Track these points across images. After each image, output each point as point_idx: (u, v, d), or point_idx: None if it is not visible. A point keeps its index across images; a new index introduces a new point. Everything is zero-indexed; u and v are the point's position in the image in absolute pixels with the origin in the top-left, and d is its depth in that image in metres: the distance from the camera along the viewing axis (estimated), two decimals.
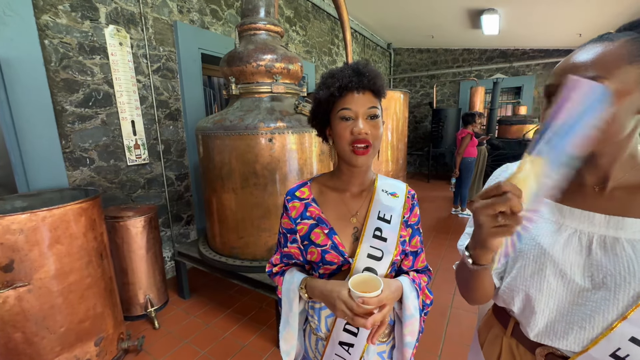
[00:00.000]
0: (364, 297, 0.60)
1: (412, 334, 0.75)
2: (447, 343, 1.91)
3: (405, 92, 3.73)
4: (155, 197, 2.57)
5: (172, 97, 2.63)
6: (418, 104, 7.89)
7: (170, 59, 2.58)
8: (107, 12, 2.13)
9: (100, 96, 2.15)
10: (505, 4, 4.48)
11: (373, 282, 0.64)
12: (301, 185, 0.81)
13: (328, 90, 0.68)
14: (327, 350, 0.77)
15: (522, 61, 6.58)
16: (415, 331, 0.75)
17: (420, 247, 0.82)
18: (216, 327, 2.10)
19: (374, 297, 0.61)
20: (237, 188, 1.89)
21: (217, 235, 2.09)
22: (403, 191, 0.80)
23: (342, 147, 0.69)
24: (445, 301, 2.35)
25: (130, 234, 2.03)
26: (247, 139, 1.81)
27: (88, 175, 2.12)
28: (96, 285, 1.57)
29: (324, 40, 4.85)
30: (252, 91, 1.96)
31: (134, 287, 2.10)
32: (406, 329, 0.74)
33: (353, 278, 0.66)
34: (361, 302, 0.61)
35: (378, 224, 0.75)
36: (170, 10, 2.53)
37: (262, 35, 1.98)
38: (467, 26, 5.56)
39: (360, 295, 0.61)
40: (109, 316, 1.65)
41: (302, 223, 0.77)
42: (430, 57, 7.50)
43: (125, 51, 2.24)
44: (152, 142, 2.51)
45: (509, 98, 7.29)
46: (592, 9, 4.37)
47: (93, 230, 1.55)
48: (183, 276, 2.40)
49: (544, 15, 4.79)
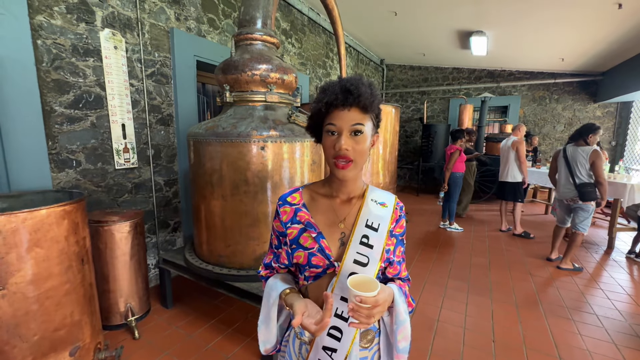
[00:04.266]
0: (361, 295, 0.61)
1: (406, 338, 0.77)
2: (434, 356, 1.90)
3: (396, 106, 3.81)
4: (142, 203, 2.52)
5: (165, 103, 2.62)
6: (409, 119, 8.06)
7: (165, 65, 2.59)
8: (103, 15, 2.13)
9: (92, 98, 2.12)
10: (493, 27, 4.69)
11: (370, 283, 0.66)
12: (293, 191, 0.84)
13: (318, 104, 0.71)
14: (310, 355, 0.77)
15: (509, 82, 6.84)
16: (408, 336, 0.77)
17: (402, 257, 0.85)
18: (199, 338, 2.03)
19: (371, 297, 0.62)
20: (227, 195, 1.88)
21: (205, 242, 2.06)
22: (392, 202, 0.82)
23: (327, 159, 0.73)
24: (432, 314, 2.35)
25: (114, 239, 1.98)
26: (239, 146, 1.81)
27: (73, 178, 2.07)
28: (75, 291, 1.51)
29: (318, 53, 4.95)
30: (246, 99, 1.97)
31: (115, 295, 2.03)
32: (400, 335, 0.75)
33: (351, 278, 0.67)
34: (359, 301, 0.62)
35: (365, 231, 0.76)
36: (167, 17, 2.56)
37: (258, 46, 2.01)
38: (456, 46, 5.77)
39: (357, 293, 0.61)
40: (86, 325, 1.58)
41: (292, 227, 0.79)
42: (421, 74, 7.73)
43: (120, 55, 2.24)
44: (142, 147, 2.48)
45: (496, 116, 7.53)
46: (573, 36, 4.61)
47: (75, 234, 1.50)
48: (167, 284, 2.33)
49: (530, 40, 5.03)
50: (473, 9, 4.15)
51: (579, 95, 6.41)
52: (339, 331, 0.75)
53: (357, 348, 0.76)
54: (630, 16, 3.73)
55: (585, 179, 3.02)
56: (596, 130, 3.03)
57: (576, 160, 3.07)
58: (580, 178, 3.05)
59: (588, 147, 3.04)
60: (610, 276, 3.09)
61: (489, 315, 2.36)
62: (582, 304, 2.56)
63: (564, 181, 3.19)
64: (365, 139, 0.71)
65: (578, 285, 2.87)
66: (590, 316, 2.38)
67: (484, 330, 2.17)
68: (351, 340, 0.74)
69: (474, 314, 2.37)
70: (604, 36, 4.45)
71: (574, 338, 2.11)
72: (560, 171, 3.27)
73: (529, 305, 2.51)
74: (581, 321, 2.31)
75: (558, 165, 3.31)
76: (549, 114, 6.69)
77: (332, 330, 0.75)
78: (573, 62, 5.77)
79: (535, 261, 3.42)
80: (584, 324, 2.28)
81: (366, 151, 0.72)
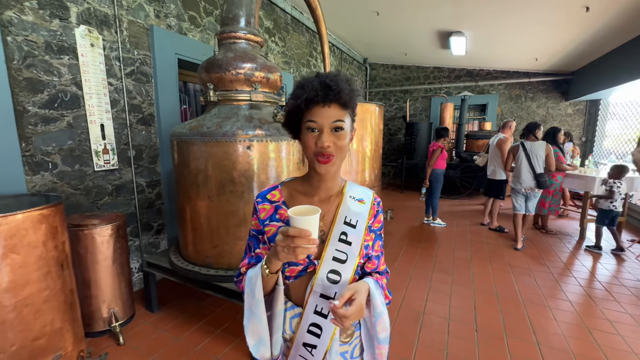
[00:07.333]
0: (301, 219, 0.61)
1: (385, 329, 0.78)
2: (420, 348, 1.96)
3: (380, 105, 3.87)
4: (123, 205, 2.45)
5: (146, 102, 2.56)
6: (392, 117, 8.19)
7: (145, 63, 2.52)
8: (78, 12, 2.05)
9: (67, 98, 2.04)
10: (471, 28, 4.84)
11: (312, 211, 0.65)
12: (272, 189, 0.82)
13: (296, 101, 0.70)
14: (291, 352, 0.78)
15: (487, 81, 7.08)
16: (387, 326, 0.78)
17: (381, 251, 0.86)
18: (186, 341, 2.01)
19: (309, 219, 0.61)
20: (212, 195, 1.86)
21: (190, 244, 2.03)
22: (370, 198, 0.83)
23: (308, 155, 0.72)
24: (418, 308, 2.41)
25: (95, 244, 1.92)
26: (224, 145, 1.79)
27: (50, 181, 1.99)
28: (55, 298, 1.46)
29: (302, 52, 4.95)
30: (230, 98, 1.96)
31: (97, 301, 1.97)
32: (379, 326, 0.76)
33: (293, 208, 0.67)
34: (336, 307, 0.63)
35: (344, 229, 0.77)
36: (146, 14, 2.49)
37: (242, 44, 1.99)
38: (437, 46, 5.91)
39: (295, 217, 0.61)
40: (68, 332, 1.53)
41: (271, 225, 0.78)
42: (403, 73, 7.86)
43: (97, 53, 2.16)
44: (123, 147, 2.40)
45: (476, 114, 7.77)
46: (546, 37, 4.83)
47: (54, 238, 1.45)
48: (152, 288, 2.28)
49: (505, 40, 5.23)
50: (452, 10, 4.27)
51: (551, 94, 6.72)
52: (319, 328, 0.75)
53: (337, 343, 0.77)
54: (597, 19, 3.95)
55: (541, 170, 3.52)
56: (539, 126, 3.62)
57: (536, 153, 3.53)
58: (538, 169, 3.52)
59: (542, 141, 3.61)
60: (582, 264, 3.28)
61: (471, 306, 2.45)
62: (557, 291, 2.70)
63: (525, 172, 3.58)
64: (346, 134, 0.72)
65: (553, 274, 3.02)
66: (564, 302, 2.52)
67: (467, 321, 2.26)
68: (331, 336, 0.75)
69: (458, 305, 2.45)
70: (573, 37, 4.68)
71: (550, 323, 2.23)
72: (521, 164, 3.61)
73: (509, 295, 2.62)
74: (556, 307, 2.44)
75: (518, 159, 3.64)
76: (524, 112, 6.97)
77: (312, 327, 0.75)
78: (546, 62, 6.03)
79: (513, 253, 3.57)
80: (559, 309, 2.41)
81: (347, 146, 0.72)
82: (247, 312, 0.76)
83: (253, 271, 0.76)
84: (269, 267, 0.71)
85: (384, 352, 0.78)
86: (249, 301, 0.75)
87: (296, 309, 0.79)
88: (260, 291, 0.73)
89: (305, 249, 0.62)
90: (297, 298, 0.79)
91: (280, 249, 0.63)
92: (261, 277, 0.73)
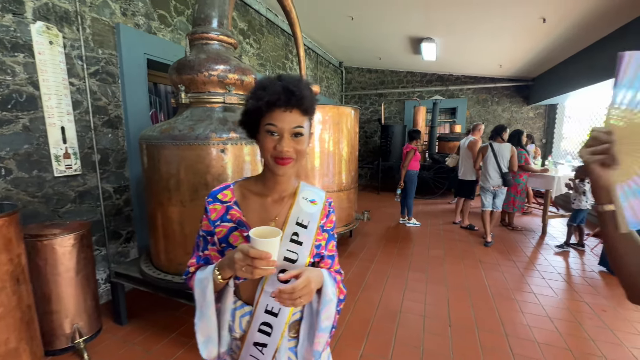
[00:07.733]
0: (262, 241, 0.61)
1: (329, 318, 0.77)
2: (397, 345, 2.00)
3: (356, 108, 3.93)
4: (88, 212, 2.31)
5: (112, 103, 2.43)
6: (368, 120, 8.35)
7: (111, 63, 2.40)
8: (34, 7, 1.92)
9: (23, 98, 1.90)
10: (441, 35, 5.05)
11: (273, 233, 0.65)
12: (224, 188, 0.81)
13: (257, 102, 0.68)
14: (242, 351, 0.77)
15: (457, 85, 7.42)
16: (331, 316, 0.78)
17: (335, 251, 0.87)
18: (158, 353, 1.92)
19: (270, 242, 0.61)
20: (185, 200, 1.80)
21: (162, 251, 1.95)
22: (322, 199, 0.84)
23: (266, 157, 0.72)
24: (394, 307, 2.46)
25: (56, 255, 1.79)
26: (197, 149, 1.74)
27: (3, 188, 1.84)
28: (10, 315, 1.35)
29: (278, 54, 4.93)
30: (203, 101, 1.91)
31: (59, 316, 1.84)
32: (324, 315, 0.76)
33: (254, 229, 0.66)
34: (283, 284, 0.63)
35: (296, 229, 0.78)
36: (112, 11, 2.37)
37: (214, 46, 1.95)
38: (409, 51, 6.12)
39: (256, 239, 0.61)
40: (25, 352, 1.41)
41: (221, 226, 0.77)
42: (378, 77, 8.05)
43: (57, 51, 2.03)
44: (87, 151, 2.27)
45: (447, 117, 8.11)
46: (509, 45, 5.14)
47: (8, 251, 1.34)
48: (120, 299, 2.16)
49: (473, 47, 5.51)
50: (422, 17, 4.43)
51: (515, 99, 7.16)
52: (270, 326, 0.76)
53: (286, 340, 0.78)
54: (553, 29, 4.26)
55: (506, 169, 3.85)
56: (506, 128, 3.94)
57: (502, 154, 3.84)
58: (504, 168, 3.83)
59: (508, 144, 3.91)
60: (545, 258, 3.50)
61: (445, 303, 2.54)
62: (523, 284, 2.86)
63: (493, 171, 3.88)
64: (305, 139, 0.73)
65: (519, 269, 3.20)
66: (529, 295, 2.67)
67: (442, 317, 2.34)
68: (281, 333, 0.76)
69: (433, 302, 2.53)
70: (532, 46, 5.02)
71: (517, 315, 2.36)
72: (489, 163, 3.90)
73: (479, 290, 2.75)
74: (522, 300, 2.58)
75: (486, 159, 3.93)
76: (491, 115, 7.37)
77: (262, 326, 0.76)
78: (509, 68, 6.42)
79: (484, 249, 3.75)
80: (525, 302, 2.56)
81: (305, 150, 0.73)
82: (198, 312, 0.76)
83: (203, 274, 0.75)
84: (222, 274, 0.71)
85: (322, 340, 0.78)
86: (200, 302, 0.75)
87: (246, 307, 0.79)
88: (211, 294, 0.73)
89: (264, 270, 0.62)
90: (247, 297, 0.79)
91: (239, 267, 0.63)
92: (212, 281, 0.73)
